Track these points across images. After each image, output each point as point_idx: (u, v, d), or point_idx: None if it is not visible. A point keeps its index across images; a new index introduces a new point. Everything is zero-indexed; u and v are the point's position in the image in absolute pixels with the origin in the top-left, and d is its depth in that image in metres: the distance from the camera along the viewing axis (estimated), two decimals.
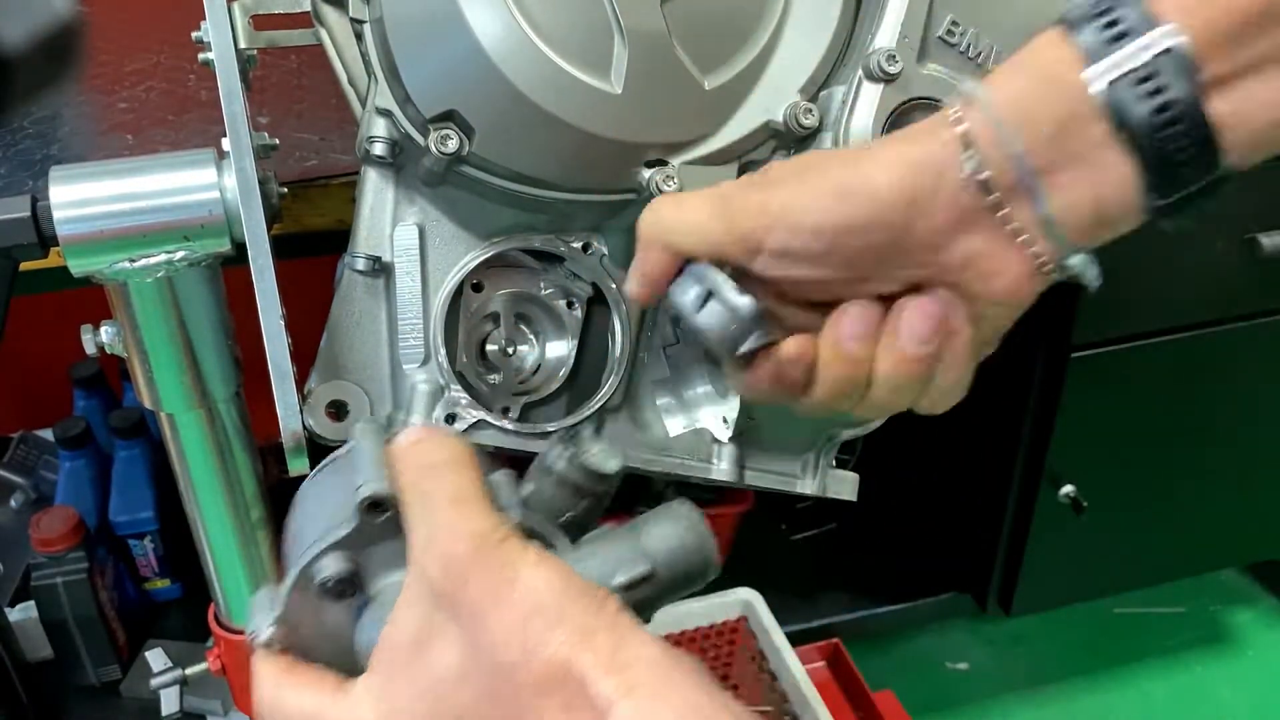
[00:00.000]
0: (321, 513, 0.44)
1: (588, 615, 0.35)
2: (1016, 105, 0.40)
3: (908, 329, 0.44)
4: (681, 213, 0.47)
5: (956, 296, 0.44)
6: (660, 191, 0.55)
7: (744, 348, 0.47)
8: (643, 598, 0.41)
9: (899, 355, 0.44)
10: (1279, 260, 1.11)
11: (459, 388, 0.59)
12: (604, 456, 0.43)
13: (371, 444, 0.43)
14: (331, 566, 0.42)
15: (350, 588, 0.43)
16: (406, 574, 0.40)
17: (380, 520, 0.41)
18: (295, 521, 0.46)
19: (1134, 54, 0.38)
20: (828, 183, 0.43)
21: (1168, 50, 0.38)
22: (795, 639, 1.15)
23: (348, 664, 0.43)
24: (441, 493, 0.39)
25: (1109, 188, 0.40)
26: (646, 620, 0.41)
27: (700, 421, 0.65)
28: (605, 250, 0.61)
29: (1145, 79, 0.38)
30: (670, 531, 0.42)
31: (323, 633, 0.44)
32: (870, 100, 0.55)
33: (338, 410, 0.58)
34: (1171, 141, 0.39)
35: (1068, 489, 1.34)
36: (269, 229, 0.54)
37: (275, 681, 0.41)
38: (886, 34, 0.55)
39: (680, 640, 1.22)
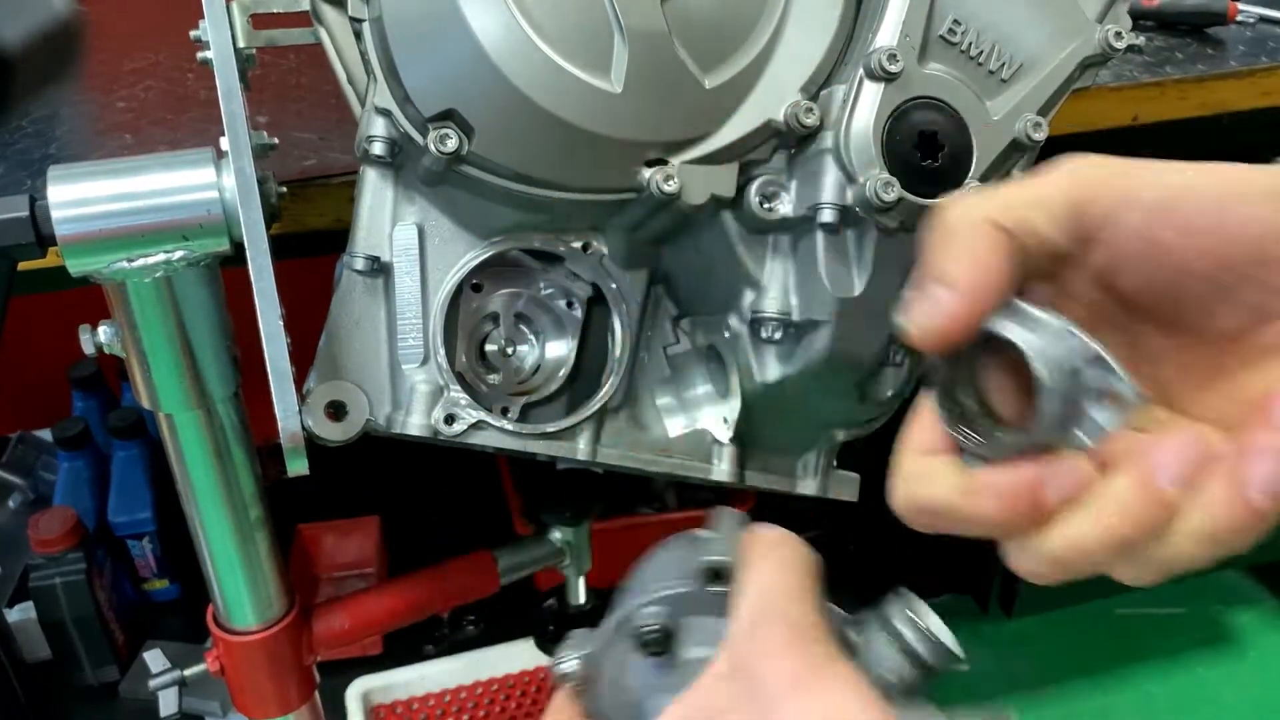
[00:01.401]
0: (658, 575, 0.46)
1: None
2: None
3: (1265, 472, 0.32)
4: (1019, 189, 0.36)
5: None
6: (661, 191, 0.55)
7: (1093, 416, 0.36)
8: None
9: (1236, 503, 0.33)
10: None
11: (458, 388, 0.59)
12: (952, 639, 0.42)
13: (730, 525, 0.45)
14: (654, 616, 0.44)
15: (662, 645, 0.44)
16: (717, 653, 0.41)
17: (713, 590, 0.43)
18: (632, 579, 0.48)
19: None
20: (1228, 169, 0.35)
21: None
22: None
23: None
24: (778, 581, 0.40)
25: None
26: None
27: (700, 421, 0.65)
28: (605, 250, 0.61)
29: None
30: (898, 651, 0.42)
31: (616, 686, 0.46)
32: (871, 99, 0.55)
33: (336, 410, 0.58)
34: None
35: None
36: (268, 228, 0.54)
37: None
38: (888, 33, 0.55)
39: None
